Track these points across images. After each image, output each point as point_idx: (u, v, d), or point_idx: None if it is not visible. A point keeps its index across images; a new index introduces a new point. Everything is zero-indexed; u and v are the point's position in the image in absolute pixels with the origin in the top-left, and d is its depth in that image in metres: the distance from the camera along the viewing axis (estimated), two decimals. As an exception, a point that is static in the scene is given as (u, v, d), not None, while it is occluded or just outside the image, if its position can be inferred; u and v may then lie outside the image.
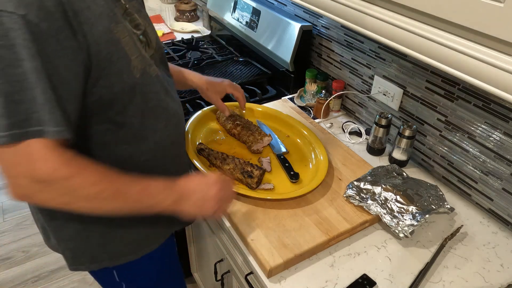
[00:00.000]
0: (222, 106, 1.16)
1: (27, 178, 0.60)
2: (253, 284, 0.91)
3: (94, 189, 0.65)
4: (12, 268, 1.88)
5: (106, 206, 0.68)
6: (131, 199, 0.70)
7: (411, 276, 0.85)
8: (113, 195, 0.67)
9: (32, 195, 0.62)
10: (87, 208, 0.67)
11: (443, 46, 0.69)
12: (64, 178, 0.61)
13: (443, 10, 0.67)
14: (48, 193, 0.62)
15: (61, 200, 0.64)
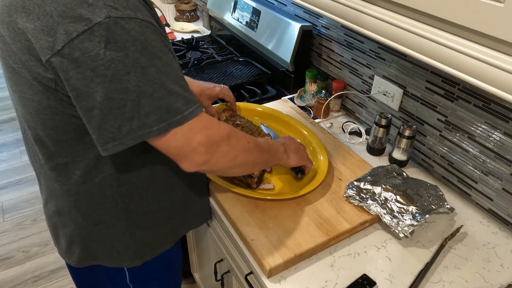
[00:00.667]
0: (213, 112, 1.19)
1: (204, 145, 0.67)
2: (253, 284, 0.91)
3: (245, 140, 0.76)
4: (12, 268, 1.88)
5: (256, 156, 0.79)
6: (265, 147, 0.83)
7: (411, 276, 0.85)
8: (255, 143, 0.79)
9: (211, 158, 0.69)
10: (245, 159, 0.77)
11: (443, 46, 0.69)
12: (227, 135, 0.71)
13: (443, 10, 0.67)
14: (220, 152, 0.70)
15: (230, 155, 0.73)
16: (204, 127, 0.67)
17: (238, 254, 0.96)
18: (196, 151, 0.67)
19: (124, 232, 0.84)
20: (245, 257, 0.89)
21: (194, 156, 0.68)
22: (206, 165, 0.70)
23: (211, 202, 1.02)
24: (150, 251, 0.89)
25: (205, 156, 0.69)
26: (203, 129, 0.67)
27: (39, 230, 2.07)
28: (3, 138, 2.71)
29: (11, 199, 2.25)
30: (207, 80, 1.53)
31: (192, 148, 0.67)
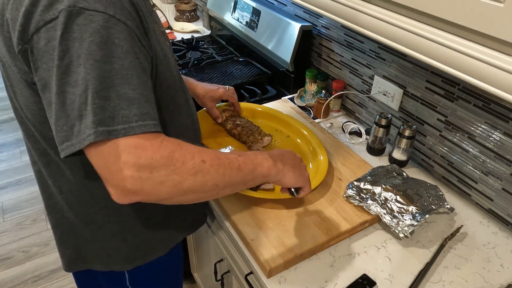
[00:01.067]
0: (217, 114, 1.19)
1: (132, 168, 0.55)
2: (253, 284, 0.91)
3: (197, 159, 0.61)
4: (12, 268, 1.88)
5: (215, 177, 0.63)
6: (235, 165, 0.66)
7: (411, 276, 0.85)
8: (217, 163, 0.63)
9: (142, 185, 0.57)
10: (197, 185, 0.61)
11: (443, 46, 0.69)
12: (166, 156, 0.57)
13: (443, 10, 0.67)
14: (154, 179, 0.57)
15: (171, 182, 0.58)
16: (137, 145, 0.55)
17: (238, 254, 0.96)
18: (122, 174, 0.55)
19: (116, 234, 0.82)
20: (245, 257, 0.89)
21: (120, 182, 0.55)
22: (138, 195, 0.57)
23: (211, 202, 1.02)
24: (141, 256, 0.87)
25: (133, 182, 0.55)
26: (134, 147, 0.55)
27: (39, 230, 2.07)
28: (3, 138, 2.71)
29: (11, 199, 2.25)
30: (207, 80, 1.53)
31: (117, 170, 0.55)
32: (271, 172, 0.72)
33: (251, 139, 1.12)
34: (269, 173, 0.72)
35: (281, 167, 0.74)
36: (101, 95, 0.54)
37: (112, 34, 0.56)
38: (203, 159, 0.61)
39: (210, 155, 0.63)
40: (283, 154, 0.78)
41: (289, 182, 0.76)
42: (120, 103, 0.55)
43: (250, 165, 0.69)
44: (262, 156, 0.72)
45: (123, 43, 0.57)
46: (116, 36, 0.56)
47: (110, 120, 0.54)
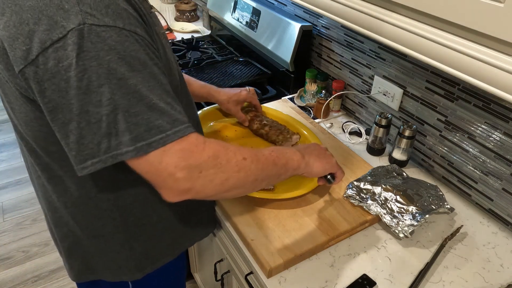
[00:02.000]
0: (243, 117, 1.19)
1: (184, 169, 0.59)
2: (253, 284, 0.91)
3: (239, 157, 0.65)
4: (12, 268, 1.88)
5: (255, 173, 0.67)
6: (270, 160, 0.70)
7: (411, 276, 0.85)
8: (256, 159, 0.67)
9: (193, 184, 0.61)
10: (240, 181, 0.66)
11: (443, 46, 0.69)
12: (212, 156, 0.61)
13: (443, 10, 0.67)
14: (204, 177, 0.61)
15: (219, 179, 0.63)
16: (183, 149, 0.59)
17: (238, 254, 0.96)
18: (174, 177, 0.59)
19: (123, 244, 0.81)
20: (245, 257, 0.89)
21: (173, 184, 0.59)
22: (189, 193, 0.62)
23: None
24: (151, 263, 0.87)
25: (185, 183, 0.60)
26: (181, 151, 0.58)
27: (39, 230, 2.07)
28: (3, 138, 2.71)
29: (11, 199, 2.25)
30: (206, 80, 1.53)
31: (169, 174, 0.58)
32: (301, 165, 0.77)
33: (281, 138, 1.13)
34: (299, 165, 0.77)
35: (308, 159, 0.79)
36: (132, 113, 0.56)
37: (127, 48, 0.56)
38: (244, 157, 0.66)
39: (249, 152, 0.67)
40: (308, 147, 0.83)
41: (318, 171, 0.81)
42: (152, 115, 0.57)
43: (282, 159, 0.73)
44: (291, 151, 0.77)
45: (139, 54, 0.57)
46: (131, 48, 0.56)
47: (146, 133, 0.56)
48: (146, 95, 0.57)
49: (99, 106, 0.55)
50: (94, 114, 0.55)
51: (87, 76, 0.54)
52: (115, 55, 0.54)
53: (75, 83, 0.54)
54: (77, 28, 0.53)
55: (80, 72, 0.53)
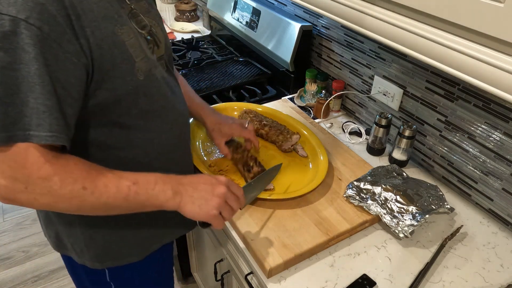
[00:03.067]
0: (225, 152, 1.05)
1: (8, 179, 0.59)
2: (253, 284, 0.91)
3: (78, 185, 0.62)
4: (12, 268, 1.88)
5: (94, 205, 0.65)
6: (122, 194, 0.66)
7: (411, 276, 0.85)
8: (100, 191, 0.64)
9: (14, 196, 0.61)
10: (73, 207, 0.65)
11: (443, 46, 0.69)
12: (44, 178, 0.60)
13: (443, 10, 0.67)
14: (29, 194, 0.61)
15: (43, 201, 0.62)
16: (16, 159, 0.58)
17: (238, 254, 0.96)
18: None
19: (83, 232, 0.82)
20: (245, 257, 0.89)
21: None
22: (14, 202, 0.61)
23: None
24: (111, 258, 0.87)
25: (7, 192, 0.60)
26: (13, 160, 0.58)
27: (39, 230, 2.07)
28: (3, 138, 2.71)
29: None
30: (207, 80, 1.53)
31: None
32: (168, 205, 0.71)
33: (281, 138, 1.13)
34: (164, 205, 0.70)
35: (181, 200, 0.71)
36: (3, 101, 0.57)
37: (21, 40, 0.56)
38: (85, 186, 0.63)
39: (96, 182, 0.64)
40: (198, 184, 0.73)
41: (189, 215, 0.72)
42: (23, 110, 0.57)
43: (142, 195, 0.68)
44: (162, 187, 0.69)
45: (32, 48, 0.57)
46: (25, 42, 0.56)
47: (11, 125, 0.57)
48: (23, 89, 0.57)
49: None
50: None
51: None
52: (5, 44, 0.56)
53: None
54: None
55: None
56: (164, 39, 0.85)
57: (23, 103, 0.57)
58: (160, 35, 0.83)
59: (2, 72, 0.56)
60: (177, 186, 0.71)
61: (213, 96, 1.43)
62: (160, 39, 0.82)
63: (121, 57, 0.68)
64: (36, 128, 0.58)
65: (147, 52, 0.75)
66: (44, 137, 0.59)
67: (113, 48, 0.66)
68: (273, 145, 1.16)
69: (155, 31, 0.81)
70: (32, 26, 0.56)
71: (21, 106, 0.57)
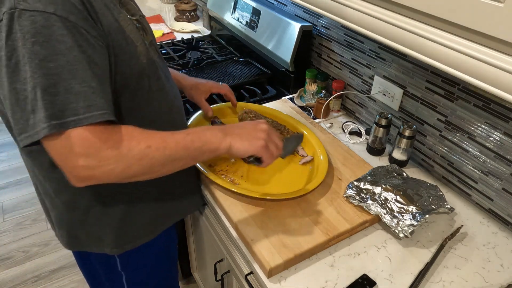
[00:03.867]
0: (206, 107, 1.16)
1: (82, 158, 0.61)
2: (253, 284, 0.91)
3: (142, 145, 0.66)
4: (12, 268, 1.88)
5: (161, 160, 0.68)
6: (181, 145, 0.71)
7: (411, 276, 0.85)
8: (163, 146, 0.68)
9: (93, 172, 0.63)
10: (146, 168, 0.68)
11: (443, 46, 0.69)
12: (113, 147, 0.63)
13: (443, 10, 0.67)
14: (106, 165, 0.63)
15: (120, 168, 0.65)
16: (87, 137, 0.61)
17: (238, 254, 0.96)
18: (73, 163, 0.61)
19: (99, 218, 0.85)
20: (245, 257, 0.89)
21: (72, 170, 0.62)
22: (91, 180, 0.64)
23: (211, 203, 1.02)
24: (130, 240, 0.90)
25: (84, 170, 0.62)
26: (84, 139, 0.61)
27: (39, 230, 2.07)
28: (3, 138, 2.71)
29: (11, 199, 2.25)
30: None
31: (70, 159, 0.61)
32: (220, 147, 0.75)
33: None
34: (218, 147, 0.75)
35: (230, 139, 0.75)
36: (49, 92, 0.59)
37: (54, 32, 0.59)
38: (148, 145, 0.67)
39: (156, 139, 0.68)
40: (239, 126, 0.80)
41: (238, 153, 0.77)
42: (69, 97, 0.60)
43: (197, 142, 0.72)
44: (212, 132, 0.75)
45: (66, 38, 0.60)
46: (59, 33, 0.59)
47: (60, 113, 0.59)
48: (66, 77, 0.60)
49: (24, 83, 0.59)
50: (21, 91, 0.59)
51: (15, 56, 0.58)
52: (40, 38, 0.58)
53: (5, 62, 0.59)
54: (8, 12, 0.58)
55: (8, 52, 0.58)
56: (148, 26, 0.88)
57: (67, 90, 0.60)
58: (144, 21, 0.86)
59: (42, 65, 0.58)
60: (224, 128, 0.77)
61: (213, 96, 1.43)
62: (145, 25, 0.85)
63: (126, 42, 0.71)
64: (87, 110, 0.61)
65: (143, 37, 0.79)
66: (98, 115, 0.62)
67: (118, 34, 0.70)
68: None
69: (142, 18, 0.84)
70: (61, 17, 0.60)
71: (66, 94, 0.60)
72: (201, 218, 1.19)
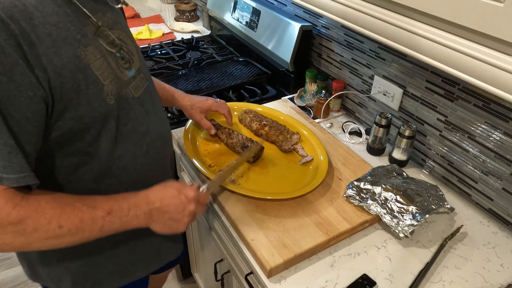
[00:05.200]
0: (207, 125, 1.11)
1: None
2: (253, 284, 0.91)
3: (53, 225, 0.60)
4: (12, 268, 1.88)
5: (71, 239, 0.63)
6: (96, 227, 0.65)
7: (411, 276, 0.85)
8: (76, 227, 0.62)
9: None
10: (49, 246, 0.62)
11: (443, 46, 0.69)
12: (15, 223, 0.57)
13: (443, 10, 0.67)
14: (2, 238, 0.58)
15: (16, 244, 0.60)
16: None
17: (238, 254, 0.96)
18: None
19: (59, 260, 0.80)
20: (245, 257, 0.89)
21: None
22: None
23: (211, 203, 1.02)
24: (90, 285, 0.84)
25: None
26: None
27: (39, 230, 2.07)
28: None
29: None
30: (206, 80, 1.53)
31: None
32: (139, 227, 0.72)
33: (281, 138, 1.13)
34: (136, 228, 0.71)
35: (150, 222, 0.72)
36: None
37: None
38: (60, 224, 0.61)
39: (72, 218, 0.62)
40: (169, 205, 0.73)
41: (159, 233, 0.75)
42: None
43: (116, 223, 0.67)
44: (134, 213, 0.69)
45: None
46: None
47: None
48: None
49: None
50: None
51: None
52: None
53: None
54: None
55: None
56: (136, 51, 0.79)
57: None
58: (131, 47, 0.77)
59: None
60: (148, 210, 0.71)
61: (213, 96, 1.43)
62: (132, 52, 0.77)
63: (87, 82, 0.63)
64: (3, 170, 0.55)
65: (118, 72, 0.70)
66: (15, 179, 0.56)
67: (76, 74, 0.61)
68: (273, 145, 1.16)
69: (126, 44, 0.75)
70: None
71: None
72: (201, 218, 1.19)
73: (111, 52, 0.70)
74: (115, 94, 0.69)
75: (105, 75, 0.66)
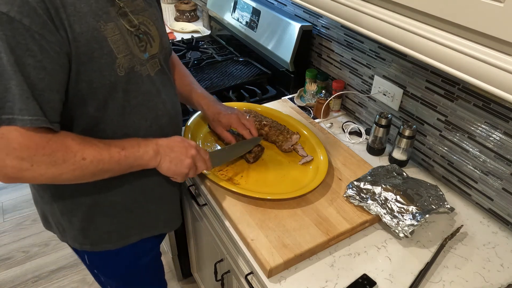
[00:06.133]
0: (228, 139, 1.09)
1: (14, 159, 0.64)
2: (253, 284, 0.91)
3: (78, 157, 0.70)
4: (12, 268, 1.88)
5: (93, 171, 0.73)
6: (114, 160, 0.75)
7: (411, 276, 0.85)
8: (97, 159, 0.72)
9: (22, 174, 0.66)
10: (76, 177, 0.71)
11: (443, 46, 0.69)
12: (48, 155, 0.66)
13: (443, 10, 0.67)
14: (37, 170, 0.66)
15: (51, 174, 0.68)
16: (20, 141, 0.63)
17: (238, 254, 0.96)
18: (4, 163, 0.64)
19: (63, 213, 0.87)
20: (245, 257, 0.89)
21: (2, 168, 0.65)
22: (18, 181, 0.67)
23: (211, 203, 1.02)
24: (88, 243, 0.91)
25: (12, 171, 0.65)
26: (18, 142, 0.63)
27: (39, 230, 2.07)
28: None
29: (11, 199, 2.25)
30: (206, 80, 1.53)
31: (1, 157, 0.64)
32: (150, 163, 0.81)
33: (281, 138, 1.13)
34: (147, 164, 0.81)
35: (160, 159, 0.82)
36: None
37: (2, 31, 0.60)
38: (84, 157, 0.71)
39: (92, 151, 0.72)
40: (173, 146, 0.84)
41: (165, 171, 0.84)
42: (6, 96, 0.62)
43: (130, 158, 0.78)
44: (146, 149, 0.80)
45: (12, 39, 0.61)
46: (5, 33, 0.60)
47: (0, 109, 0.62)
48: (7, 77, 0.61)
49: None
50: None
51: None
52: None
53: None
54: None
55: None
56: (159, 38, 0.85)
57: (6, 89, 0.62)
58: (154, 33, 0.84)
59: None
60: (157, 147, 0.81)
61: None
62: (154, 38, 0.83)
63: (101, 51, 0.71)
64: (19, 112, 0.62)
65: (134, 50, 0.77)
66: (28, 121, 0.63)
67: (92, 43, 0.69)
68: (273, 145, 1.16)
69: (148, 29, 0.82)
70: (12, 19, 0.60)
71: (4, 92, 0.62)
72: (201, 218, 1.19)
73: (131, 31, 0.77)
74: (127, 68, 0.76)
75: (120, 49, 0.74)
